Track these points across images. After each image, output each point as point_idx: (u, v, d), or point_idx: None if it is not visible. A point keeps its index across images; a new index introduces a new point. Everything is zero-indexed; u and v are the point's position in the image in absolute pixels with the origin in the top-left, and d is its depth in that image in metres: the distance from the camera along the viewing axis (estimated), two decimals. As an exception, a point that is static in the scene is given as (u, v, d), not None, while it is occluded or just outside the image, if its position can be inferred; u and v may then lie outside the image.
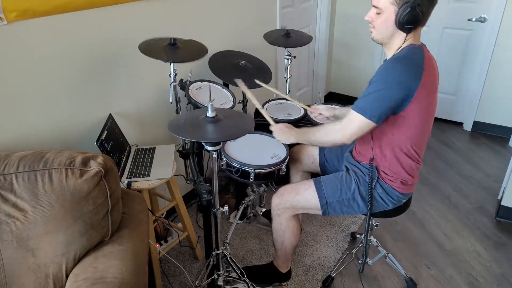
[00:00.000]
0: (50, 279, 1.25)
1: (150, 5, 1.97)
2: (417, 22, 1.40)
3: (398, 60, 1.45)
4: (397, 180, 1.61)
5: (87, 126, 1.82)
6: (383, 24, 1.45)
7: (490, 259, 2.20)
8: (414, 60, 1.44)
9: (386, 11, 1.42)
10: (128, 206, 1.46)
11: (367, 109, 1.44)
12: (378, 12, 1.45)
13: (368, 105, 1.44)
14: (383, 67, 1.47)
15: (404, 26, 1.40)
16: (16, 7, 1.43)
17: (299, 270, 2.11)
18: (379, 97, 1.43)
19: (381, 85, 1.42)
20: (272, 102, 2.38)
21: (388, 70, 1.44)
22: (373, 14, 1.48)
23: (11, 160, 1.27)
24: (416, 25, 1.41)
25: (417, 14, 1.37)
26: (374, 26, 1.49)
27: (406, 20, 1.38)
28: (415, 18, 1.38)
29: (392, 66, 1.45)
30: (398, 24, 1.41)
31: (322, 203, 1.68)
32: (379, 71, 1.46)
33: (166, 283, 2.03)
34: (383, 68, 1.46)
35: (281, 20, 3.06)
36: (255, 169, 1.75)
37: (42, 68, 1.59)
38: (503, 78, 3.34)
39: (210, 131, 1.36)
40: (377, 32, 1.50)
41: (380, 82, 1.43)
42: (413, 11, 1.36)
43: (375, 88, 1.43)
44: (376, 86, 1.43)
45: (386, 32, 1.47)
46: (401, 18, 1.39)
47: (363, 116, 1.44)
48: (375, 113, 1.43)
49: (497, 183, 2.85)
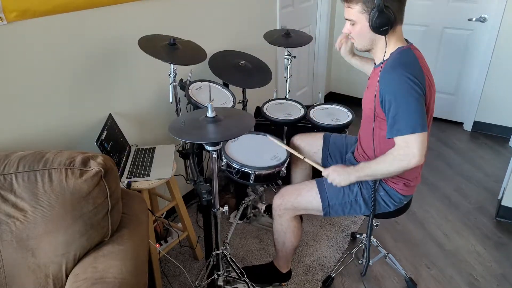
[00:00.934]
0: (50, 279, 1.25)
1: (150, 4, 1.97)
2: (391, 22, 1.41)
3: (396, 67, 1.44)
4: (400, 182, 1.61)
5: (87, 126, 1.82)
6: (360, 33, 1.49)
7: (490, 259, 2.20)
8: (410, 62, 1.45)
9: (358, 20, 1.47)
10: (128, 206, 1.46)
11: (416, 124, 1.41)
12: (352, 23, 1.50)
13: (413, 121, 1.41)
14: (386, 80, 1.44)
15: (379, 30, 1.42)
16: (16, 7, 1.43)
17: (299, 270, 2.11)
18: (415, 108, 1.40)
19: (405, 98, 1.40)
20: (272, 102, 2.38)
21: (397, 82, 1.41)
22: (349, 26, 1.52)
23: (11, 160, 1.27)
24: (391, 25, 1.42)
25: (388, 15, 1.39)
26: (353, 37, 1.54)
27: (379, 24, 1.40)
28: (387, 19, 1.39)
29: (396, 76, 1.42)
30: (373, 29, 1.43)
31: (324, 206, 1.67)
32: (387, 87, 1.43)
33: (166, 283, 2.03)
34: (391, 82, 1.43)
35: (281, 20, 3.06)
36: (255, 170, 1.75)
37: (42, 68, 1.59)
38: (503, 78, 3.34)
39: (211, 131, 1.35)
40: (358, 42, 1.54)
41: (402, 96, 1.40)
42: (383, 13, 1.38)
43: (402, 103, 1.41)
44: (402, 102, 1.40)
45: (366, 40, 1.51)
46: (373, 23, 1.41)
47: (417, 133, 1.41)
48: (420, 124, 1.41)
49: (497, 183, 2.84)
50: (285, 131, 2.36)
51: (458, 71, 3.57)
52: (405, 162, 1.45)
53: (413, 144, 1.42)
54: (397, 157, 1.47)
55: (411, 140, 1.42)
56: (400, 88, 1.41)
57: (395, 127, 1.44)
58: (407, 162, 1.45)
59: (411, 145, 1.42)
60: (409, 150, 1.43)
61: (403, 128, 1.42)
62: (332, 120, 2.17)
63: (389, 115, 1.45)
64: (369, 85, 1.65)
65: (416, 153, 1.42)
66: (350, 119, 2.16)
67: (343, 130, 2.22)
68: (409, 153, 1.43)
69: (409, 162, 1.45)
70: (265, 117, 2.22)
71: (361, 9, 1.44)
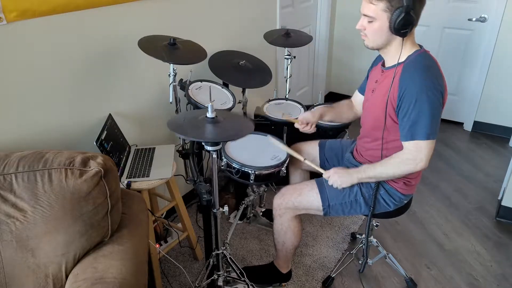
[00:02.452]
0: (50, 279, 1.25)
1: (150, 4, 1.97)
2: (412, 25, 1.39)
3: (423, 71, 1.41)
4: (400, 181, 1.61)
5: (87, 126, 1.82)
6: (377, 32, 1.44)
7: (490, 259, 2.20)
8: (434, 66, 1.44)
9: (378, 18, 1.41)
10: (127, 206, 1.46)
11: (431, 132, 1.41)
12: (370, 21, 1.43)
13: (430, 128, 1.40)
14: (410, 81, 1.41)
15: (400, 31, 1.39)
16: (16, 7, 1.43)
17: (299, 270, 2.11)
18: (434, 116, 1.40)
19: (427, 103, 1.38)
20: (272, 102, 2.38)
21: (424, 85, 1.39)
22: (364, 23, 1.45)
23: (11, 160, 1.27)
24: (411, 28, 1.41)
25: (411, 17, 1.36)
26: (366, 34, 1.48)
27: (402, 25, 1.37)
28: (410, 21, 1.37)
29: (424, 79, 1.40)
30: (394, 30, 1.39)
31: (325, 205, 1.68)
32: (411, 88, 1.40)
33: (166, 283, 2.03)
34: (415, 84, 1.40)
35: (281, 20, 3.06)
36: (255, 170, 1.75)
37: (42, 68, 1.59)
38: (503, 78, 3.34)
39: (210, 131, 1.35)
40: (370, 40, 1.48)
41: (425, 101, 1.39)
42: (408, 15, 1.35)
43: (424, 108, 1.39)
44: (424, 106, 1.39)
45: (381, 39, 1.46)
46: (396, 24, 1.37)
47: (429, 140, 1.41)
48: (435, 131, 1.42)
49: (497, 183, 2.84)
50: (285, 131, 2.36)
51: (458, 71, 3.57)
52: (412, 166, 1.46)
53: (424, 150, 1.42)
54: (405, 161, 1.46)
55: (423, 146, 1.42)
56: (424, 91, 1.38)
57: (411, 131, 1.42)
58: (413, 166, 1.45)
59: (422, 150, 1.42)
60: (417, 155, 1.43)
61: (419, 133, 1.41)
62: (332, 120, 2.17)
63: (405, 117, 1.42)
64: (375, 88, 1.60)
65: (424, 159, 1.43)
66: None
67: (343, 130, 2.21)
68: (417, 158, 1.43)
69: (415, 166, 1.45)
70: (265, 117, 2.22)
71: (385, 7, 1.37)
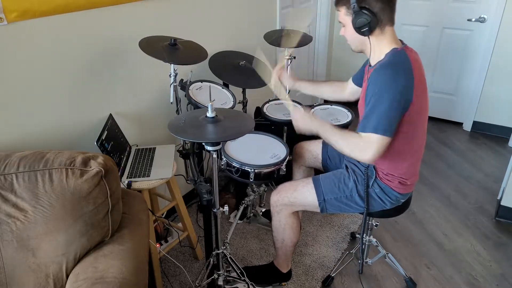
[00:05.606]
0: (51, 279, 1.25)
1: (151, 5, 1.97)
2: (371, 23, 1.42)
3: (386, 68, 1.44)
4: (395, 180, 1.61)
5: (87, 126, 1.83)
6: (351, 35, 1.52)
7: (490, 259, 2.20)
8: (401, 63, 1.44)
9: (346, 23, 1.51)
10: (128, 206, 1.46)
11: (379, 126, 1.42)
12: (343, 26, 1.55)
13: (379, 123, 1.42)
14: (374, 78, 1.45)
15: (360, 31, 1.46)
16: (16, 7, 1.43)
17: (299, 270, 2.11)
18: (386, 111, 1.41)
19: (382, 98, 1.40)
20: (272, 102, 2.38)
21: (383, 81, 1.42)
22: (342, 29, 1.57)
23: (11, 160, 1.27)
24: (373, 26, 1.43)
25: (368, 15, 1.41)
26: (347, 39, 1.57)
27: (358, 25, 1.44)
28: (366, 20, 1.42)
29: (383, 75, 1.43)
30: (356, 30, 1.46)
31: (320, 200, 1.69)
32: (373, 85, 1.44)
33: (166, 283, 2.03)
34: (377, 80, 1.44)
35: (281, 20, 3.07)
36: (255, 169, 1.75)
37: (42, 68, 1.59)
38: (503, 78, 3.34)
39: (210, 131, 1.36)
40: (351, 44, 1.57)
41: (381, 96, 1.41)
42: (362, 14, 1.41)
43: (378, 103, 1.41)
44: (378, 101, 1.41)
45: (355, 41, 1.54)
46: (355, 25, 1.45)
47: (378, 135, 1.42)
48: (388, 128, 1.42)
49: (496, 183, 2.85)
50: (285, 131, 2.36)
51: (458, 71, 3.57)
52: (358, 154, 1.50)
53: (373, 145, 1.44)
54: (356, 145, 1.50)
55: (373, 141, 1.44)
56: (382, 87, 1.42)
57: (363, 123, 1.47)
58: (359, 155, 1.49)
59: (371, 145, 1.45)
60: (366, 147, 1.46)
61: (368, 126, 1.45)
62: (332, 120, 2.17)
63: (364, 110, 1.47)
64: (363, 88, 1.64)
65: (370, 153, 1.45)
66: (350, 119, 2.16)
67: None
68: (364, 150, 1.46)
69: (361, 156, 1.49)
70: (265, 117, 2.22)
71: (346, 11, 1.49)
